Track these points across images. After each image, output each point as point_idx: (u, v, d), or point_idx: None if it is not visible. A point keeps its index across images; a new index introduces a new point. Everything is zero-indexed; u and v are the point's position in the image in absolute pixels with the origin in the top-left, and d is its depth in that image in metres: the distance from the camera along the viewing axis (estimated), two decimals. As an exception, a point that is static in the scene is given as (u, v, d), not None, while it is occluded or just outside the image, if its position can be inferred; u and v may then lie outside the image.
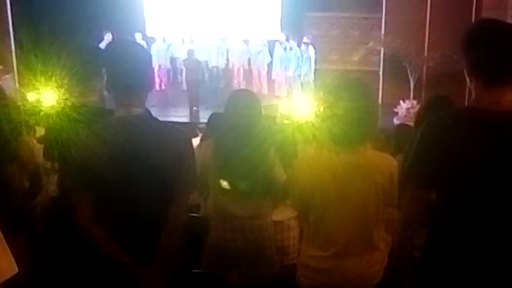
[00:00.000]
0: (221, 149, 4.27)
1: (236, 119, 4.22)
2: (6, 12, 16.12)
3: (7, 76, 15.25)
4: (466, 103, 6.07)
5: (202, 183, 4.37)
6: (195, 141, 5.84)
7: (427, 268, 3.00)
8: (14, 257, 2.04)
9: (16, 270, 2.01)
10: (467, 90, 11.11)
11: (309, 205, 3.52)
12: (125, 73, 3.10)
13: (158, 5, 19.43)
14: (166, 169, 3.07)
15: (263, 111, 4.47)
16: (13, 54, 16.24)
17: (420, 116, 4.58)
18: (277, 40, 17.88)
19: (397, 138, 5.71)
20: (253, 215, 4.31)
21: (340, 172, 3.39)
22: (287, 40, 17.50)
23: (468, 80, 2.88)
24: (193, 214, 4.95)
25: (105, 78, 3.20)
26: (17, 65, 16.05)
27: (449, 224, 2.87)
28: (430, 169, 2.83)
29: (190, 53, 16.87)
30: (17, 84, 15.60)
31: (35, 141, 4.92)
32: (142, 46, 3.52)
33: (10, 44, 16.21)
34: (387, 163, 3.46)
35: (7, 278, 1.97)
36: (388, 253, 3.57)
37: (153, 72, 14.56)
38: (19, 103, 4.88)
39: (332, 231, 3.47)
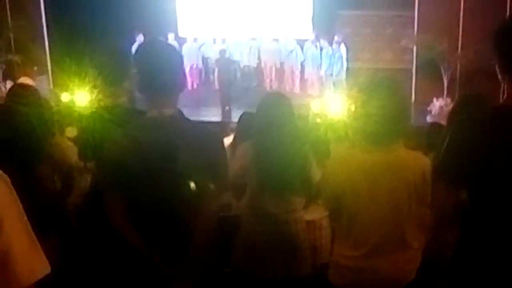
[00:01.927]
0: (259, 149, 4.31)
1: (268, 119, 4.27)
2: (41, 14, 16.34)
3: (41, 77, 15.46)
4: (500, 100, 5.99)
5: (237, 183, 4.40)
6: (227, 141, 5.86)
7: (459, 268, 2.96)
8: (47, 257, 2.06)
9: (49, 269, 2.03)
10: (501, 87, 10.96)
11: (341, 204, 3.50)
12: (157, 73, 3.11)
13: (190, 6, 19.53)
14: (198, 169, 3.07)
15: (295, 111, 4.50)
16: (48, 55, 16.45)
17: (452, 114, 4.54)
18: (309, 39, 17.83)
19: (429, 137, 5.66)
20: (287, 210, 4.38)
21: (372, 170, 3.38)
22: (319, 38, 17.46)
23: (500, 78, 2.85)
24: (225, 214, 4.96)
25: (137, 78, 3.22)
26: (51, 67, 16.25)
27: (481, 223, 2.83)
28: (461, 167, 2.80)
29: (222, 52, 16.92)
30: (51, 85, 15.81)
31: (68, 141, 4.96)
32: (173, 47, 3.53)
33: (44, 46, 16.43)
34: (420, 162, 3.43)
35: (40, 277, 1.99)
36: (422, 252, 3.53)
37: (185, 73, 14.65)
38: (53, 104, 4.92)
39: (365, 230, 3.46)
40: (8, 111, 3.96)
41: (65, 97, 11.63)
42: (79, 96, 10.16)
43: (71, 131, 5.40)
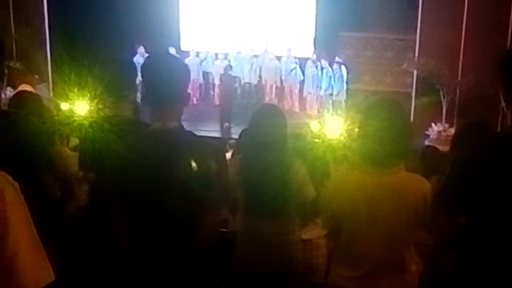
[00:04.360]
0: (248, 167, 4.27)
1: (261, 139, 4.22)
2: (44, 23, 16.37)
3: (41, 85, 15.44)
4: (499, 128, 6.01)
5: (232, 198, 4.38)
6: (226, 157, 5.86)
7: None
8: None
9: (53, 277, 2.03)
10: (500, 115, 11.02)
11: (341, 224, 3.50)
12: (164, 86, 3.12)
13: (193, 20, 19.60)
14: (199, 183, 3.07)
15: (293, 130, 4.46)
16: (49, 64, 16.46)
17: (456, 140, 4.54)
18: (310, 59, 17.89)
19: (423, 160, 5.67)
20: (281, 232, 4.30)
21: (372, 192, 3.37)
22: (320, 59, 17.51)
23: (504, 106, 2.85)
24: (222, 229, 4.94)
25: (144, 90, 3.22)
26: (52, 75, 16.25)
27: (480, 249, 2.83)
28: (463, 193, 2.79)
29: (227, 68, 16.98)
30: (51, 94, 15.80)
31: (68, 150, 4.96)
32: (181, 61, 3.54)
33: (46, 55, 16.43)
34: (421, 186, 3.42)
35: (43, 285, 1.99)
36: (419, 276, 3.52)
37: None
38: (54, 113, 4.92)
39: (363, 251, 3.45)
40: (9, 119, 3.96)
41: (65, 106, 11.61)
42: (79, 106, 10.17)
43: (73, 141, 5.40)
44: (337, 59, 17.21)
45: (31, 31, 15.76)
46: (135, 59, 15.44)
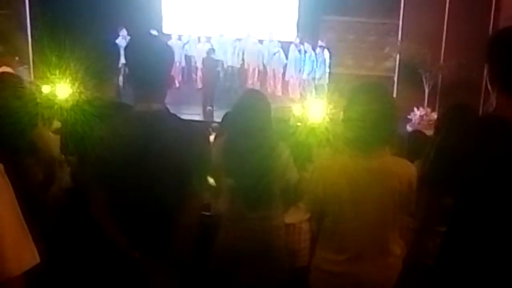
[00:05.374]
0: (231, 151, 4.24)
1: (244, 123, 4.18)
2: (24, 5, 16.19)
3: (22, 68, 15.29)
4: (480, 112, 6.02)
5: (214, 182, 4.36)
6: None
7: (440, 276, 2.97)
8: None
9: (38, 260, 2.02)
10: (481, 99, 11.11)
11: (325, 209, 3.49)
12: (148, 67, 3.10)
13: (176, 3, 19.49)
14: (183, 165, 3.06)
15: (275, 113, 4.43)
16: (30, 46, 16.30)
17: (440, 123, 4.54)
18: (292, 42, 17.87)
19: (410, 144, 5.68)
20: (264, 216, 4.28)
21: (355, 177, 3.36)
22: (303, 42, 17.50)
23: (490, 88, 2.85)
24: (204, 213, 4.92)
25: (128, 71, 3.20)
26: (33, 58, 16.10)
27: (465, 232, 2.84)
28: (447, 176, 2.80)
29: (210, 52, 16.93)
30: (32, 76, 15.66)
31: (50, 133, 4.91)
32: (165, 42, 3.51)
33: (27, 37, 16.27)
34: (406, 170, 3.41)
35: (28, 267, 1.98)
36: (403, 260, 3.53)
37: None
38: (35, 95, 4.86)
39: (347, 235, 3.45)
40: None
41: (46, 89, 11.51)
42: (60, 88, 10.07)
43: (56, 123, 5.35)
44: (320, 43, 17.21)
45: (11, 13, 15.59)
46: (117, 42, 15.28)
